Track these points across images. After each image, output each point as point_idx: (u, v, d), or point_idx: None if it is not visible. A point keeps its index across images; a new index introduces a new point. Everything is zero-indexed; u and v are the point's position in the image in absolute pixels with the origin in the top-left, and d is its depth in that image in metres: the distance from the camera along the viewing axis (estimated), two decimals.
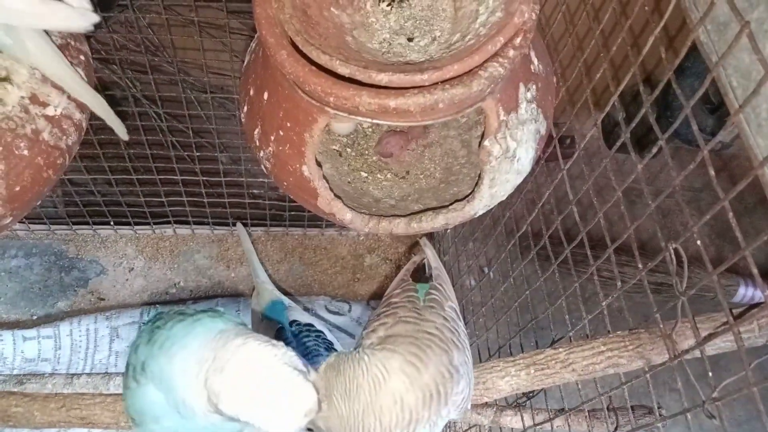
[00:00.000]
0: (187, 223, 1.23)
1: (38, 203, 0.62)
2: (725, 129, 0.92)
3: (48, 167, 0.57)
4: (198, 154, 1.07)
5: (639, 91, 0.52)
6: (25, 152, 0.55)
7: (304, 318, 0.92)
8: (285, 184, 0.61)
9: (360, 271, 1.31)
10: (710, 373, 0.41)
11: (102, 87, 0.95)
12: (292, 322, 0.90)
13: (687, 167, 0.41)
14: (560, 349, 0.55)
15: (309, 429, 0.49)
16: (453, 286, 0.71)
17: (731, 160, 1.32)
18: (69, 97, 0.58)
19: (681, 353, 0.43)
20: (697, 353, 0.45)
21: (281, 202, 1.20)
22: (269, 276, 1.16)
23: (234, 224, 1.23)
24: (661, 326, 0.47)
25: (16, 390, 0.56)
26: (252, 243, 1.21)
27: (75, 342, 1.09)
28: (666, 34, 0.93)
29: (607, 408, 0.67)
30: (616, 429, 0.71)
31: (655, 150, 0.48)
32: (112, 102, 0.86)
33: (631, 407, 0.67)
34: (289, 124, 0.56)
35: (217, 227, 1.26)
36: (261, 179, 1.11)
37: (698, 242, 0.43)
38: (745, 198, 1.32)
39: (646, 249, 1.21)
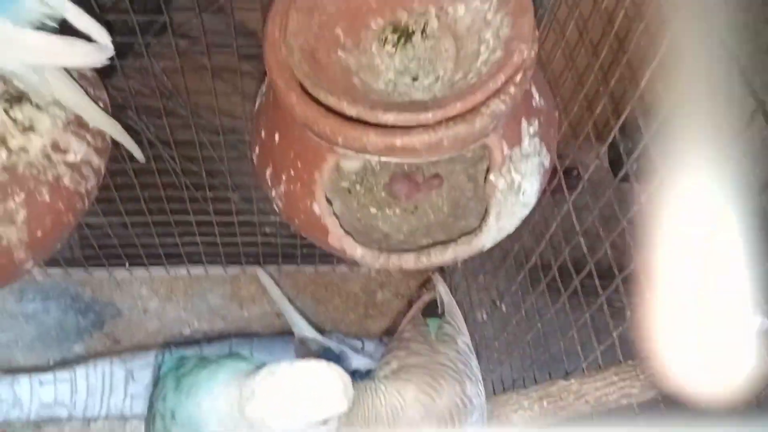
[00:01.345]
0: (200, 262, 1.25)
1: (58, 247, 0.64)
2: None
3: (68, 211, 0.59)
4: (211, 195, 1.09)
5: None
6: (47, 198, 0.57)
7: (360, 363, 0.91)
8: (296, 221, 0.62)
9: (372, 307, 1.31)
10: None
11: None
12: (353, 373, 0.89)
13: None
14: (572, 381, 0.55)
15: None
16: (465, 321, 0.71)
17: None
18: (88, 143, 0.60)
19: None
20: None
21: (293, 239, 1.21)
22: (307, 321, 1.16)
23: (254, 263, 1.24)
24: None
25: None
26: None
27: (91, 385, 1.10)
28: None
29: None
30: None
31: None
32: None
33: None
34: (299, 164, 0.58)
35: (229, 266, 1.27)
36: (273, 218, 1.13)
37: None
38: None
39: None
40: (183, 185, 1.12)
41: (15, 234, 0.55)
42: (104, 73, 0.68)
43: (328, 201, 0.60)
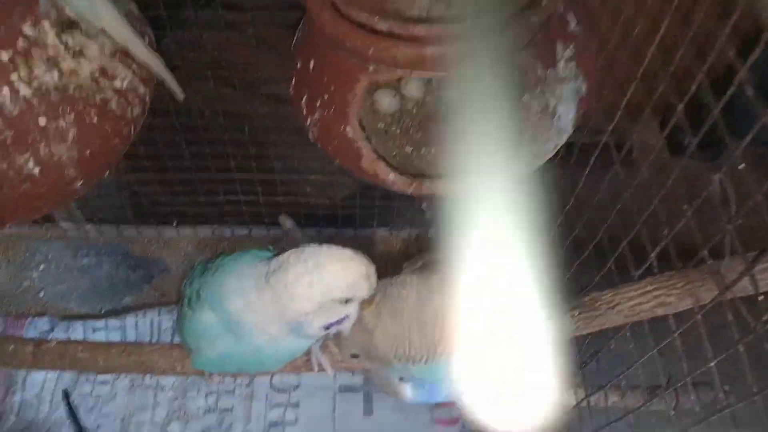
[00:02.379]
0: (245, 223, 1.28)
1: (106, 174, 0.67)
2: None
3: (115, 135, 0.62)
4: (255, 164, 1.12)
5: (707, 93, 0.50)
6: (95, 120, 0.60)
7: None
8: (331, 148, 0.63)
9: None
10: (760, 298, 0.39)
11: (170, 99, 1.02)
12: None
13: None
14: (606, 291, 0.54)
15: (354, 355, 0.50)
16: None
17: None
18: (134, 72, 0.63)
19: (731, 283, 0.42)
20: (749, 291, 0.43)
21: (333, 201, 1.23)
22: None
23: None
24: (709, 263, 0.46)
25: None
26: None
27: (140, 334, 1.15)
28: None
29: (667, 383, 0.64)
30: (675, 406, 0.68)
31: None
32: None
33: (693, 384, 0.65)
34: (333, 88, 0.59)
35: (272, 227, 1.30)
36: (315, 176, 1.15)
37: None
38: None
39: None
40: (230, 155, 1.16)
41: (66, 152, 0.58)
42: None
43: (362, 125, 0.61)
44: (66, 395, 0.91)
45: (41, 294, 1.22)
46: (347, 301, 0.46)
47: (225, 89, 1.14)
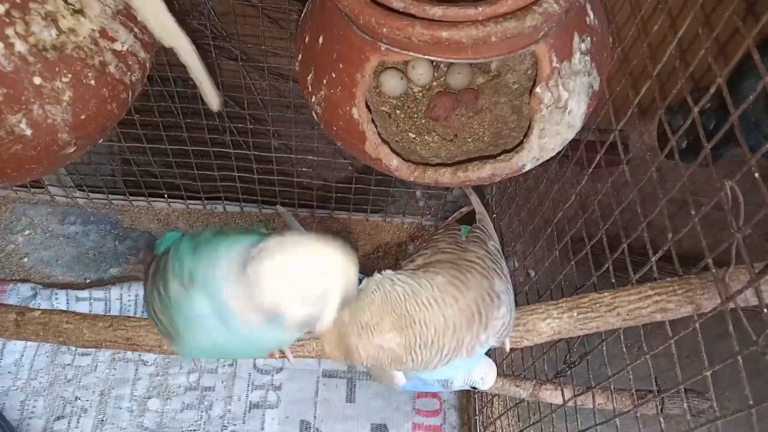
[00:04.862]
0: (237, 200, 1.26)
1: (100, 141, 0.65)
2: None
3: (112, 100, 0.60)
4: (252, 140, 1.10)
5: (700, 97, 0.49)
6: (92, 82, 0.57)
7: None
8: (334, 128, 0.62)
9: (403, 258, 1.30)
10: (765, 310, 0.39)
11: (168, 66, 0.99)
12: None
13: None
14: (605, 293, 0.53)
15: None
16: None
17: None
18: (135, 35, 0.61)
19: (735, 293, 0.41)
20: (750, 302, 0.43)
21: (328, 184, 1.21)
22: None
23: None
24: (713, 270, 0.45)
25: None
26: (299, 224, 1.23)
27: (124, 306, 1.13)
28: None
29: (658, 391, 0.64)
30: (662, 410, 0.68)
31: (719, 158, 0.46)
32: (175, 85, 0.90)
33: (685, 390, 0.64)
34: (341, 66, 0.57)
35: (265, 206, 1.28)
36: (311, 157, 1.13)
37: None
38: None
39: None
40: (228, 129, 1.13)
41: (60, 114, 0.56)
42: None
43: (368, 107, 0.59)
44: None
45: (25, 260, 1.20)
46: (325, 297, 0.43)
47: (226, 61, 1.12)
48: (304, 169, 1.19)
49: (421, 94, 0.76)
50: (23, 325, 0.55)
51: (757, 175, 0.42)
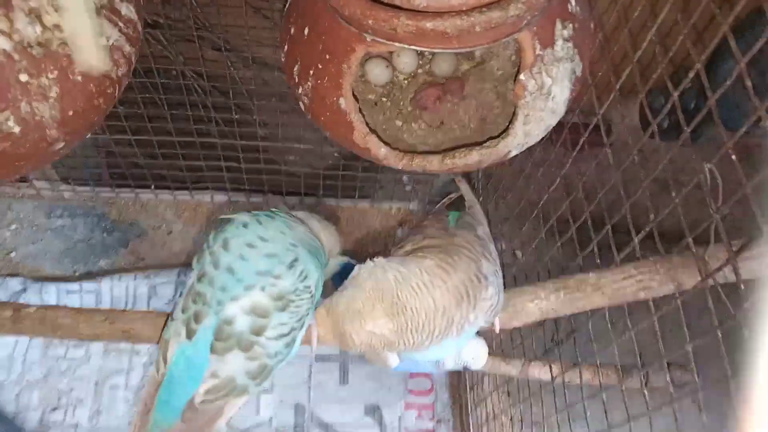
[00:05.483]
0: (224, 190, 1.26)
1: (87, 135, 0.65)
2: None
3: (99, 95, 0.60)
4: (239, 130, 1.10)
5: (681, 78, 0.51)
6: (79, 78, 0.57)
7: None
8: (322, 119, 0.62)
9: (392, 243, 1.31)
10: (742, 286, 0.41)
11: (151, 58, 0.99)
12: None
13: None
14: (591, 274, 0.55)
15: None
16: None
17: None
18: (120, 30, 0.61)
19: (714, 271, 0.43)
20: (729, 279, 0.45)
21: (315, 171, 1.22)
22: None
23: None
24: (693, 250, 0.47)
25: None
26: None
27: (115, 298, 1.13)
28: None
29: (642, 365, 0.66)
30: (647, 384, 0.70)
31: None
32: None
33: (668, 364, 0.66)
34: (327, 57, 0.58)
35: (253, 195, 1.29)
36: (297, 145, 1.13)
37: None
38: None
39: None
40: (214, 119, 1.13)
41: (48, 110, 0.56)
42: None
43: (355, 97, 0.60)
44: None
45: (12, 254, 1.19)
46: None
47: (209, 51, 1.11)
48: (290, 158, 1.19)
49: (406, 82, 0.77)
50: (20, 321, 0.55)
51: (734, 157, 0.44)
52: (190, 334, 0.56)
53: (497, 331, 0.59)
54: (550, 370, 0.70)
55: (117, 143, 1.18)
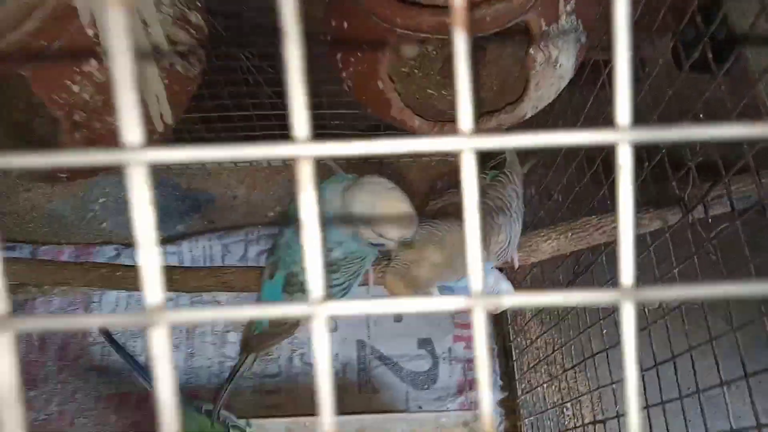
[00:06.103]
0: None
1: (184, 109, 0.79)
2: None
3: (182, 93, 0.73)
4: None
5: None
6: (165, 81, 0.71)
7: None
8: (364, 98, 0.74)
9: (432, 197, 1.43)
10: (710, 220, 0.51)
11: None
12: None
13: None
14: (593, 217, 0.66)
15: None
16: None
17: None
18: (192, 36, 0.73)
19: (690, 208, 0.53)
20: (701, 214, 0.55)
21: (358, 133, 1.33)
22: None
23: None
24: (677, 191, 0.57)
25: None
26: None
27: (195, 257, 1.30)
28: None
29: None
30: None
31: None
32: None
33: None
34: (365, 47, 0.69)
35: None
36: (342, 110, 1.25)
37: None
38: None
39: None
40: (269, 94, 1.25)
41: (145, 109, 0.70)
42: None
43: (391, 78, 0.71)
44: (106, 333, 1.03)
45: (104, 225, 1.37)
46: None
47: (259, 29, 1.23)
48: (334, 122, 1.31)
49: (435, 53, 0.87)
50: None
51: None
52: (271, 276, 0.73)
53: (516, 267, 0.71)
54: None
55: (181, 120, 1.33)
